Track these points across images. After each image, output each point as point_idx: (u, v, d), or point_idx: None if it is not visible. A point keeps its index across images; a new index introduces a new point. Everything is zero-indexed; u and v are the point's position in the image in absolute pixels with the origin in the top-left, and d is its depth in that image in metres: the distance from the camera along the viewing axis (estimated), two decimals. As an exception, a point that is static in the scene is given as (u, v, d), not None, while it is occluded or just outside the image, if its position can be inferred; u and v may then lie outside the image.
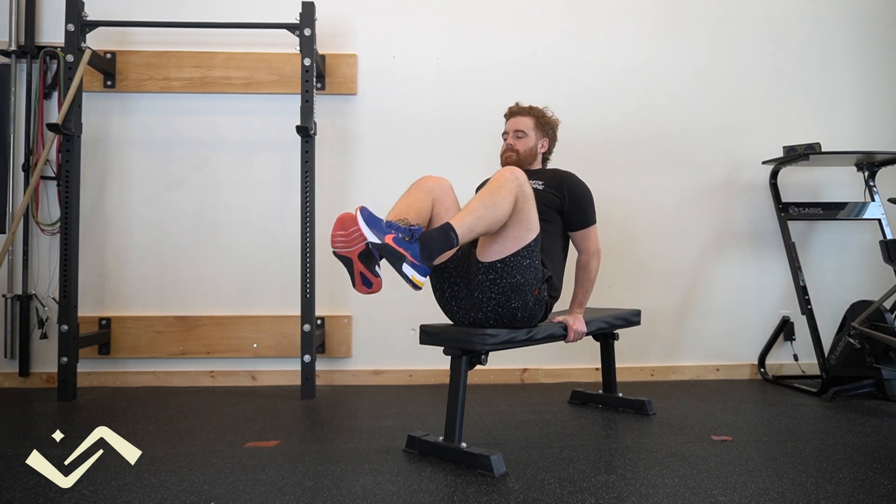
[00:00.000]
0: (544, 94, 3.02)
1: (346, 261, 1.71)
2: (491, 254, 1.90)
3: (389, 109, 3.08)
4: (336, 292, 3.01)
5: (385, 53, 3.09)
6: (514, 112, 2.42)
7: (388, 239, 1.65)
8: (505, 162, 2.36)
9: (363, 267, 1.70)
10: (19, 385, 2.91)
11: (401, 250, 1.65)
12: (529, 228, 1.90)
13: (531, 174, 2.31)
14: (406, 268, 1.66)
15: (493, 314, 1.94)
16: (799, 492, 1.62)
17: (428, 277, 1.72)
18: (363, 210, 1.66)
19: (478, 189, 2.46)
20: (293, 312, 2.87)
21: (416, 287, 1.68)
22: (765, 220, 3.21)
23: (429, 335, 1.97)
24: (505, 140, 2.39)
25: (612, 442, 2.11)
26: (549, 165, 2.48)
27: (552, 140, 2.44)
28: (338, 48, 3.07)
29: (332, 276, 2.96)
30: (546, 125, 2.40)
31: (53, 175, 2.92)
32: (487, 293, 1.92)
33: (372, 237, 1.64)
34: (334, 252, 1.71)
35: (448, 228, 1.72)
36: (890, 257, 2.77)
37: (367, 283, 1.72)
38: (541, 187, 2.22)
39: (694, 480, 1.71)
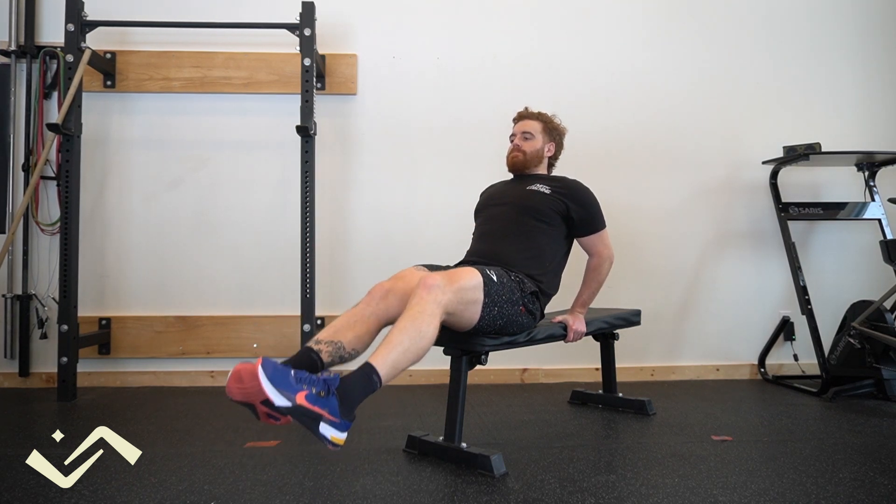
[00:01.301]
0: (544, 94, 3.03)
1: (248, 405, 1.47)
2: (461, 329, 1.85)
3: (389, 109, 3.08)
4: (336, 292, 3.01)
5: (385, 53, 3.09)
6: (522, 116, 2.42)
7: (300, 398, 1.42)
8: (511, 160, 2.36)
9: (268, 409, 1.44)
10: (19, 385, 2.91)
11: (316, 409, 1.43)
12: (475, 299, 1.79)
13: (537, 178, 2.31)
14: (323, 428, 1.45)
15: (487, 331, 1.92)
16: (799, 492, 1.62)
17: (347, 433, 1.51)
18: (266, 365, 1.40)
19: (475, 213, 2.39)
20: (293, 312, 2.87)
21: (336, 446, 1.48)
22: (765, 220, 3.21)
23: (429, 335, 1.96)
24: (512, 141, 2.39)
25: (612, 442, 2.11)
26: (554, 172, 2.48)
27: (559, 146, 2.43)
28: (338, 48, 3.07)
29: (332, 276, 2.96)
30: (553, 131, 2.40)
31: (53, 175, 2.92)
32: (483, 334, 1.90)
33: (280, 401, 1.40)
34: (230, 399, 1.46)
35: (369, 372, 1.54)
36: (890, 257, 2.77)
37: (274, 418, 1.48)
38: (547, 191, 2.22)
39: (694, 480, 1.71)
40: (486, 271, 1.87)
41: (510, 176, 2.43)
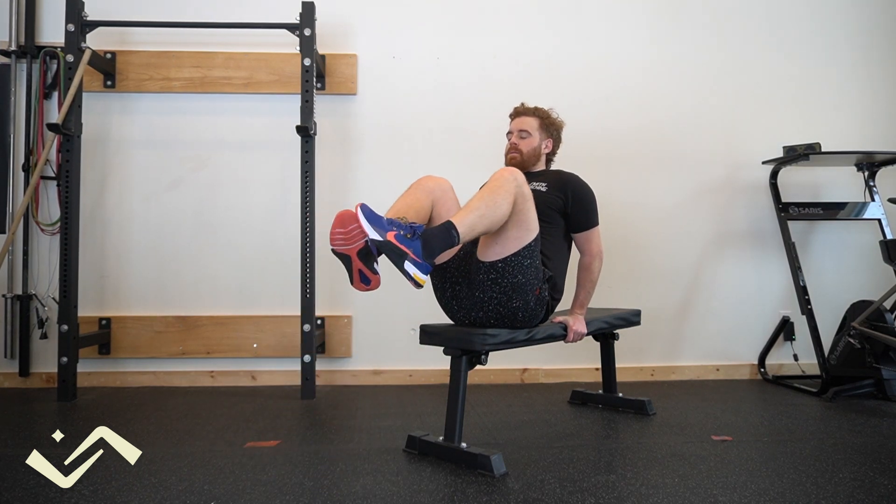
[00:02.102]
0: (544, 93, 3.02)
1: (345, 258, 1.69)
2: (492, 254, 1.90)
3: (389, 109, 3.08)
4: (336, 292, 3.01)
5: (385, 53, 3.09)
6: (519, 112, 2.41)
7: (390, 236, 1.63)
8: (508, 162, 2.36)
9: (362, 264, 1.68)
10: (19, 385, 2.91)
11: (403, 247, 1.63)
12: (529, 229, 1.90)
13: (534, 175, 2.31)
14: (408, 265, 1.63)
15: (495, 313, 1.94)
16: (799, 492, 1.62)
17: (429, 276, 1.71)
18: (364, 207, 1.64)
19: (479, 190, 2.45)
20: (293, 312, 2.87)
21: (418, 285, 1.66)
22: (765, 220, 3.21)
23: (429, 335, 1.97)
24: (509, 140, 2.39)
25: (612, 442, 2.11)
26: (553, 167, 2.48)
27: (556, 141, 2.43)
28: (338, 48, 3.07)
29: (332, 276, 2.96)
30: (550, 126, 2.39)
31: (53, 175, 2.92)
32: (489, 293, 1.92)
33: (373, 234, 1.62)
34: (333, 249, 1.69)
35: (450, 227, 1.71)
36: (890, 257, 2.77)
37: (365, 280, 1.71)
38: (544, 189, 2.22)
39: (694, 480, 1.71)
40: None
41: None
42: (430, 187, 2.00)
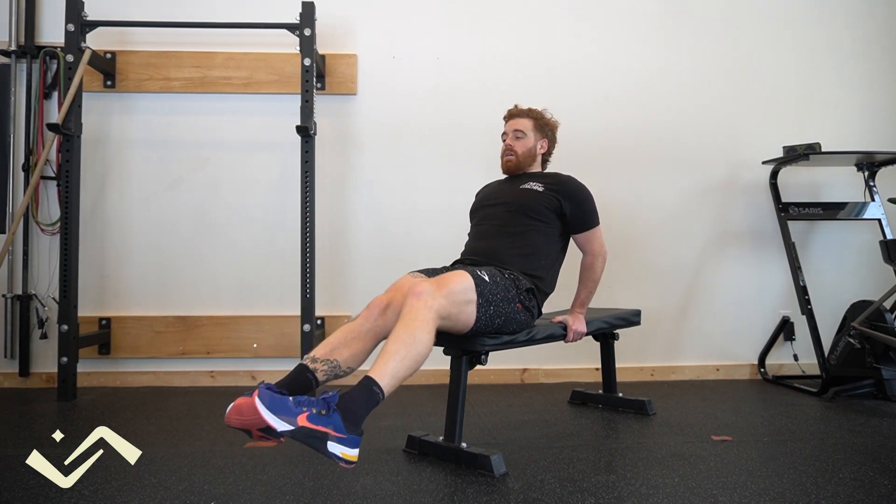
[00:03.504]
0: (545, 94, 3.03)
1: (244, 431, 1.44)
2: (460, 332, 1.85)
3: (389, 109, 3.08)
4: (336, 292, 3.01)
5: (385, 53, 3.09)
6: (513, 114, 2.41)
7: (302, 420, 1.39)
8: (505, 164, 2.36)
9: (264, 434, 1.43)
10: (19, 385, 2.91)
11: (320, 429, 1.40)
12: (468, 299, 1.79)
13: (531, 176, 2.31)
14: (332, 447, 1.41)
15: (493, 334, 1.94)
16: (799, 492, 1.62)
17: (358, 449, 1.47)
18: (263, 395, 1.39)
19: (471, 213, 2.40)
20: (293, 312, 2.87)
21: (350, 464, 1.45)
22: (765, 220, 3.21)
23: (429, 335, 1.96)
24: (504, 141, 2.39)
25: (612, 442, 2.11)
26: (549, 168, 2.48)
27: (551, 141, 2.43)
28: (338, 48, 3.07)
29: (332, 276, 2.96)
30: (545, 126, 2.39)
31: (53, 175, 2.92)
32: (482, 334, 1.90)
33: (282, 426, 1.37)
34: (228, 425, 1.43)
35: (369, 384, 1.51)
36: (890, 257, 2.77)
37: (268, 439, 1.45)
38: (540, 189, 2.22)
39: (694, 480, 1.71)
40: (477, 272, 1.87)
41: (504, 175, 2.43)
42: (379, 327, 1.78)
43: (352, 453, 1.44)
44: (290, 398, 1.42)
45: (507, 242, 2.10)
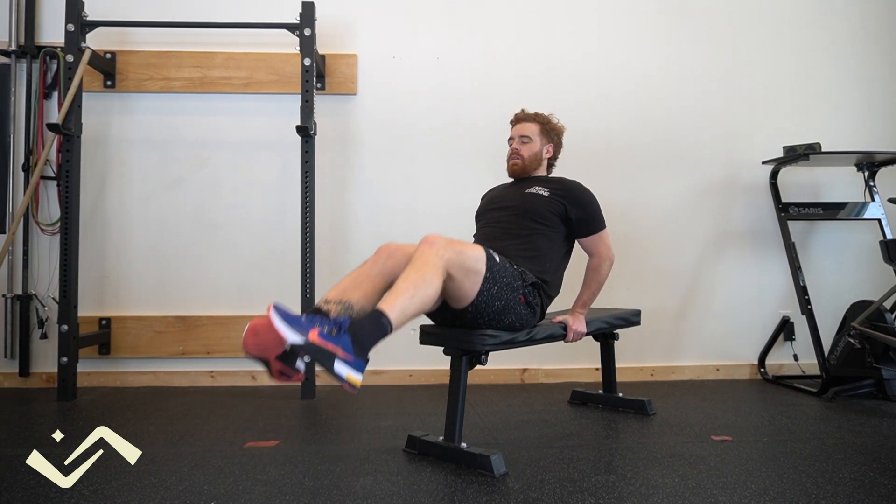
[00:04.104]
0: (545, 94, 3.03)
1: (262, 361, 1.52)
2: (460, 304, 1.86)
3: (389, 109, 3.08)
4: (336, 292, 3.00)
5: (385, 53, 3.09)
6: (519, 118, 2.43)
7: (313, 336, 1.45)
8: (511, 168, 2.37)
9: (282, 365, 1.50)
10: (19, 385, 2.91)
11: (329, 347, 1.45)
12: (477, 269, 1.82)
13: (536, 180, 2.32)
14: (338, 366, 1.46)
15: (491, 329, 1.94)
16: (799, 492, 1.62)
17: (363, 373, 1.52)
18: (277, 309, 1.46)
19: (476, 217, 2.41)
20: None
21: (354, 387, 1.48)
22: (765, 220, 3.21)
23: (429, 335, 1.97)
24: (510, 145, 2.40)
25: (612, 442, 2.11)
26: (555, 172, 2.48)
27: (557, 146, 2.44)
28: (338, 48, 3.07)
29: (332, 276, 2.95)
30: (551, 131, 2.40)
31: (53, 175, 2.92)
32: (478, 324, 1.91)
33: (293, 337, 1.44)
34: (246, 355, 1.51)
35: (378, 315, 1.57)
36: (890, 257, 2.77)
37: (286, 375, 1.53)
38: (546, 193, 2.22)
39: (694, 480, 1.71)
40: (491, 251, 1.91)
41: (510, 179, 2.43)
42: (388, 268, 1.78)
43: (357, 377, 1.48)
44: (304, 316, 1.51)
45: (513, 245, 2.11)
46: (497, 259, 1.91)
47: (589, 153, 3.08)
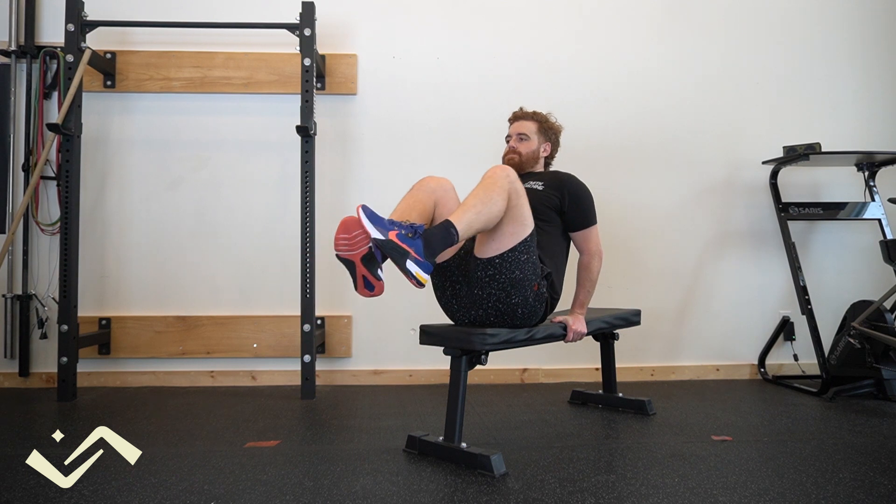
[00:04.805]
0: (545, 93, 3.03)
1: (349, 264, 1.72)
2: (488, 250, 1.90)
3: (389, 109, 3.08)
4: (336, 292, 3.01)
5: (385, 53, 3.09)
6: (517, 116, 2.44)
7: (392, 235, 1.65)
8: (507, 163, 2.38)
9: (366, 270, 1.70)
10: (19, 385, 2.91)
11: (404, 246, 1.65)
12: (524, 224, 1.92)
13: (531, 175, 2.34)
14: (410, 264, 1.65)
15: (494, 311, 1.94)
16: (799, 492, 1.62)
17: (429, 276, 1.73)
18: (365, 208, 1.66)
19: None
20: (293, 312, 2.87)
21: (420, 284, 1.67)
22: (765, 220, 3.21)
23: (429, 335, 1.97)
24: (508, 143, 2.40)
25: (612, 442, 2.11)
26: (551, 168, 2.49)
27: (555, 145, 2.46)
28: (338, 48, 3.07)
29: (332, 276, 2.96)
30: (549, 130, 2.42)
31: (53, 175, 2.92)
32: (487, 289, 1.92)
33: (376, 233, 1.64)
34: (337, 255, 1.72)
35: (448, 225, 1.73)
36: (890, 257, 2.77)
37: (369, 286, 1.73)
38: (540, 188, 2.23)
39: (694, 480, 1.71)
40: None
41: None
42: (432, 187, 2.01)
43: (424, 276, 1.68)
44: (386, 218, 1.70)
45: None
46: (532, 241, 1.98)
47: (589, 152, 3.08)
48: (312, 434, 2.20)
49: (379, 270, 1.72)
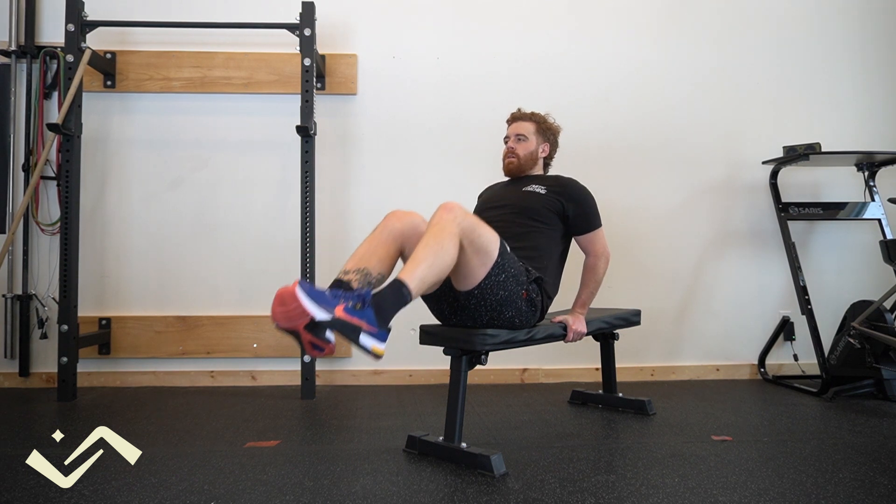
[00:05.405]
0: (545, 94, 3.04)
1: (292, 333, 1.57)
2: (465, 284, 1.87)
3: (389, 110, 3.08)
4: (336, 292, 3.00)
5: (385, 53, 3.09)
6: (515, 117, 2.44)
7: (339, 311, 1.52)
8: (507, 166, 2.39)
9: (311, 336, 1.54)
10: (19, 385, 2.91)
11: (355, 321, 1.52)
12: (489, 251, 1.84)
13: (533, 178, 2.33)
14: (364, 339, 1.53)
15: (491, 325, 1.95)
16: (799, 492, 1.62)
17: (385, 345, 1.60)
18: (303, 285, 1.52)
19: (479, 198, 2.48)
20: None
21: (377, 357, 1.55)
22: (765, 220, 3.21)
23: (429, 335, 1.97)
24: (506, 144, 2.40)
25: (612, 442, 2.11)
26: (551, 171, 2.49)
27: (553, 145, 2.45)
28: (338, 48, 3.07)
29: (332, 276, 2.94)
30: (547, 131, 2.42)
31: (53, 175, 2.92)
32: (477, 313, 1.92)
33: (320, 314, 1.51)
34: (277, 326, 1.56)
35: (399, 286, 1.61)
36: (890, 257, 2.77)
37: (318, 348, 1.58)
38: (543, 191, 2.23)
39: (694, 480, 1.71)
40: (504, 242, 1.93)
41: (506, 178, 2.44)
42: (398, 229, 1.84)
43: (381, 347, 1.56)
44: (328, 290, 1.56)
45: (512, 243, 2.11)
46: (508, 250, 1.93)
47: (589, 153, 3.08)
48: (312, 434, 2.20)
49: (327, 333, 1.55)
